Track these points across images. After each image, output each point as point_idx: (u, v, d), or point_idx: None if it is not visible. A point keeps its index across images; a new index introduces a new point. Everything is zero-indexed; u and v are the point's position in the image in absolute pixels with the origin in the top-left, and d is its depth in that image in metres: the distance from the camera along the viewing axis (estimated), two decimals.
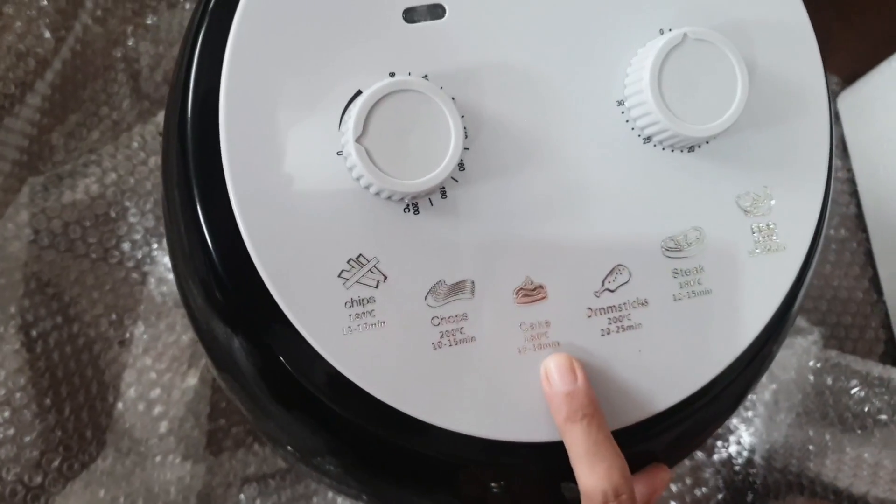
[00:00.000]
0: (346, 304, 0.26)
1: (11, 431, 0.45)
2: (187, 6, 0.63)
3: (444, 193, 0.27)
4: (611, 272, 0.28)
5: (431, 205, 0.27)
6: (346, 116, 0.26)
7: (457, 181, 0.27)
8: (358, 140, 0.25)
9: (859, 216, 0.62)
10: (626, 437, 0.28)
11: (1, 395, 0.46)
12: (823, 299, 0.60)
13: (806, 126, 0.30)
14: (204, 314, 0.30)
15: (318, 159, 0.27)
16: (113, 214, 0.55)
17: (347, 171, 0.26)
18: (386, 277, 0.27)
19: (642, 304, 0.28)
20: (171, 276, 0.54)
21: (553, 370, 0.27)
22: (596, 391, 0.28)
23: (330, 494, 0.52)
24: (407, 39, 0.28)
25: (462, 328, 0.27)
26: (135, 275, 0.55)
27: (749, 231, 0.29)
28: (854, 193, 0.62)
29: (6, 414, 0.45)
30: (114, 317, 0.53)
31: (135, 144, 0.57)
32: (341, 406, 0.27)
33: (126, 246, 0.54)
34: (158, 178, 0.56)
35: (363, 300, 0.27)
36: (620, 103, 0.29)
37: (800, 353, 0.49)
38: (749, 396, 0.53)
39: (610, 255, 0.28)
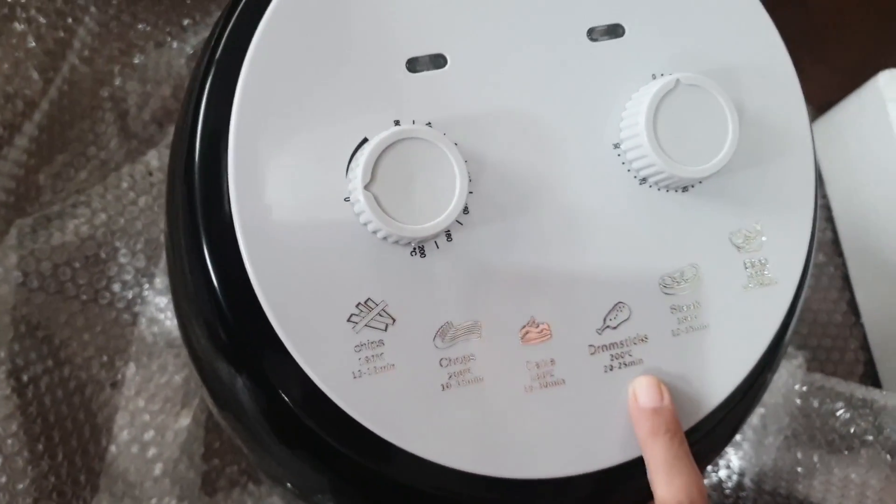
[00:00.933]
0: (355, 347, 0.27)
1: (3, 479, 0.45)
2: (174, 45, 0.64)
3: (449, 236, 0.28)
4: (611, 310, 0.29)
5: (437, 248, 0.28)
6: (353, 164, 0.27)
7: (461, 224, 0.28)
8: (366, 187, 0.26)
9: (835, 241, 0.64)
10: (630, 471, 0.29)
11: None
12: (805, 323, 0.62)
13: (792, 165, 0.31)
14: (207, 354, 0.30)
15: (325, 205, 0.27)
16: (103, 255, 0.55)
17: (355, 216, 0.27)
18: (395, 320, 0.27)
19: (643, 339, 0.29)
20: (162, 316, 0.54)
21: (641, 388, 0.28)
22: (601, 425, 0.28)
23: None
24: (410, 88, 0.28)
25: (470, 369, 0.28)
26: (126, 315, 0.54)
27: (742, 266, 0.30)
28: (830, 219, 0.64)
29: None
30: (105, 358, 0.53)
31: (124, 184, 0.57)
32: (349, 448, 0.28)
33: (116, 287, 0.54)
34: (149, 218, 0.57)
35: (372, 343, 0.27)
36: (616, 146, 0.30)
37: (785, 377, 0.50)
38: None
39: (610, 293, 0.29)
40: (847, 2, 0.63)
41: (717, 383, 0.30)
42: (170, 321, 0.54)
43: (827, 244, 0.64)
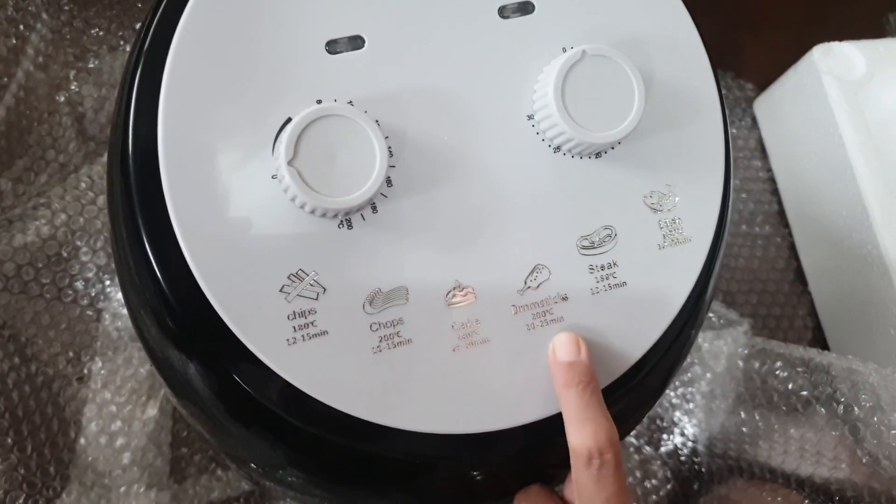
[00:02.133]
0: (288, 316, 0.28)
1: None
2: (127, 49, 0.65)
3: (374, 208, 0.30)
4: (532, 271, 0.31)
5: (363, 219, 0.29)
6: (277, 142, 0.29)
7: (386, 196, 0.30)
8: (290, 162, 0.27)
9: (781, 213, 0.66)
10: (555, 425, 0.30)
11: None
12: (753, 292, 0.64)
13: (702, 128, 0.33)
14: (159, 344, 0.32)
15: (254, 184, 0.29)
16: (65, 254, 0.56)
17: (282, 192, 0.29)
18: (325, 289, 0.29)
19: (563, 298, 0.31)
20: (125, 311, 0.56)
21: (559, 343, 0.30)
22: (525, 381, 0.30)
23: None
24: (331, 69, 0.30)
25: (399, 332, 0.29)
26: (89, 312, 0.56)
27: (657, 226, 0.32)
28: (775, 192, 0.66)
29: None
30: (71, 354, 0.54)
31: (83, 185, 0.58)
32: (294, 416, 0.29)
33: (79, 284, 0.56)
34: (108, 217, 0.58)
35: (305, 312, 0.29)
36: (530, 117, 0.31)
37: (731, 344, 0.52)
38: (689, 389, 0.56)
39: (530, 256, 0.31)
40: None
41: (637, 338, 0.32)
42: None
43: (773, 215, 0.66)
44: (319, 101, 0.29)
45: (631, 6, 0.33)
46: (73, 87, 0.63)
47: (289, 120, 0.29)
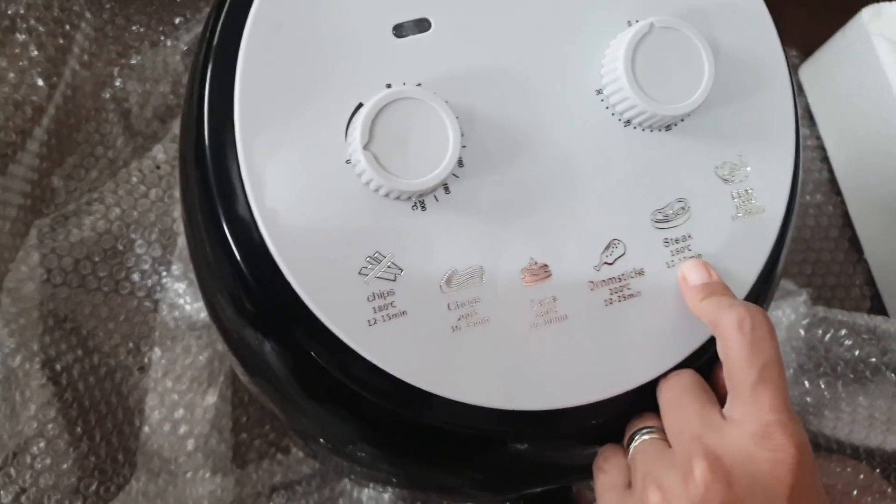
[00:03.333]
0: (368, 298, 0.29)
1: (48, 460, 0.47)
2: (169, 43, 0.65)
3: (447, 189, 0.30)
4: (607, 247, 0.31)
5: (437, 201, 0.30)
6: (350, 128, 0.29)
7: (457, 177, 0.30)
8: (365, 147, 0.28)
9: (832, 180, 0.65)
10: (638, 397, 0.30)
11: (34, 428, 0.48)
12: (807, 263, 0.63)
13: (771, 97, 0.33)
14: (234, 325, 0.32)
15: (329, 169, 0.29)
16: (120, 247, 0.57)
17: (357, 176, 0.29)
18: (402, 270, 0.29)
19: (639, 273, 0.31)
20: (181, 301, 0.56)
21: (689, 270, 0.31)
22: (604, 357, 0.30)
23: (355, 495, 0.54)
24: (398, 53, 0.30)
25: (476, 311, 0.29)
26: (147, 303, 0.57)
27: (730, 197, 0.32)
28: (825, 159, 0.65)
29: (41, 445, 0.47)
30: (131, 345, 0.55)
31: (134, 179, 0.59)
32: (373, 393, 0.29)
33: (136, 276, 0.56)
34: (160, 209, 0.59)
35: (383, 293, 0.29)
36: (599, 92, 0.31)
37: (790, 314, 0.52)
38: None
39: (605, 231, 0.31)
40: None
41: None
42: (189, 305, 0.56)
43: (824, 184, 0.66)
44: (389, 85, 0.29)
45: None
46: (117, 84, 0.63)
47: (360, 105, 0.29)
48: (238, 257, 0.29)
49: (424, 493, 0.42)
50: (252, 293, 0.30)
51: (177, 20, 0.66)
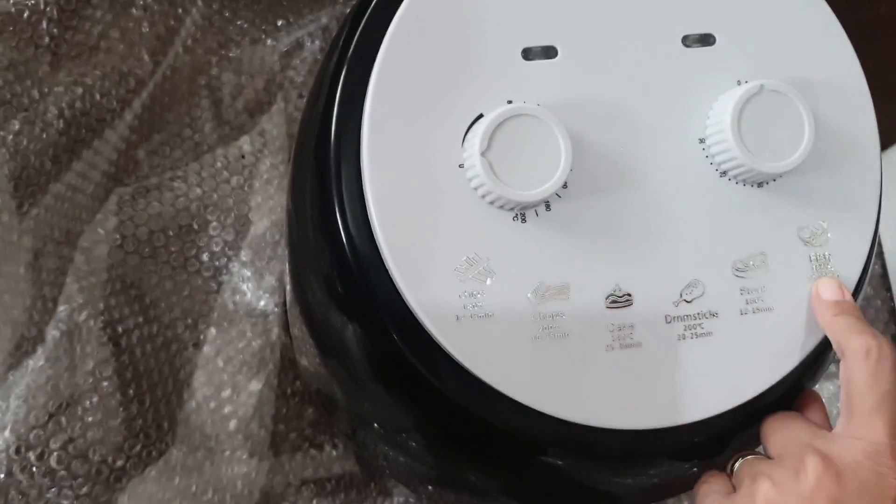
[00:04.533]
0: (459, 295, 0.30)
1: (99, 416, 0.49)
2: (268, 42, 0.68)
3: (548, 206, 0.31)
4: (688, 286, 0.32)
5: (537, 215, 0.31)
6: (470, 134, 0.31)
7: (560, 197, 0.32)
8: (483, 154, 0.30)
9: (884, 275, 0.66)
10: (697, 430, 0.32)
11: (89, 383, 0.50)
12: None
13: (859, 173, 0.34)
14: (321, 307, 0.34)
15: (442, 171, 0.31)
16: (195, 226, 0.59)
17: (467, 181, 0.31)
18: (495, 275, 0.31)
19: (714, 315, 0.32)
20: (244, 287, 0.58)
21: (823, 286, 0.33)
22: (669, 388, 0.31)
23: (380, 501, 0.55)
24: (524, 74, 0.32)
25: (558, 325, 0.31)
26: (211, 283, 0.59)
27: (808, 259, 0.33)
28: (880, 254, 0.66)
29: (94, 400, 0.49)
30: (189, 321, 0.57)
31: (218, 164, 0.62)
32: (443, 383, 0.31)
33: (205, 256, 0.59)
34: (239, 197, 0.61)
35: (474, 293, 0.31)
36: (702, 141, 0.33)
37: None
38: None
39: (687, 271, 0.32)
40: None
41: (777, 363, 0.33)
42: (250, 292, 0.58)
43: (875, 278, 0.67)
44: (510, 102, 0.32)
45: (804, 48, 0.34)
46: (213, 73, 0.66)
47: (480, 116, 0.31)
48: (344, 241, 0.31)
49: (456, 497, 0.43)
50: (349, 277, 0.32)
51: (279, 22, 0.69)
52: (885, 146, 0.65)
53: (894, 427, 0.28)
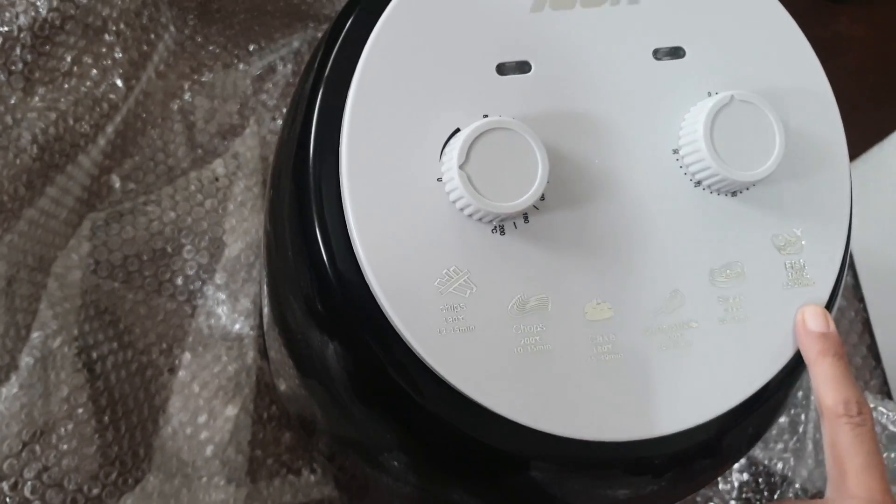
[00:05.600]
0: (441, 308, 0.30)
1: (74, 443, 0.48)
2: (241, 67, 0.69)
3: (526, 219, 0.32)
4: (666, 296, 0.32)
5: (515, 228, 0.32)
6: (448, 148, 0.31)
7: (537, 209, 0.32)
8: (461, 167, 0.30)
9: (856, 286, 0.67)
10: (678, 440, 0.32)
11: (64, 410, 0.49)
12: None
13: (830, 181, 0.35)
14: (300, 325, 0.34)
15: (420, 185, 0.31)
16: (169, 250, 0.59)
17: (446, 194, 0.31)
18: (476, 288, 0.31)
19: (693, 325, 0.32)
20: (219, 310, 0.58)
21: (809, 315, 0.33)
22: (651, 399, 0.32)
23: None
24: (499, 89, 0.33)
25: (540, 338, 0.31)
26: (186, 307, 0.58)
27: (783, 267, 0.34)
28: (852, 264, 0.67)
29: (69, 427, 0.48)
30: (164, 345, 0.57)
31: (192, 188, 0.61)
32: (426, 399, 0.31)
33: (179, 280, 0.58)
34: (213, 220, 0.61)
35: (455, 307, 0.31)
36: (675, 151, 0.33)
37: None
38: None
39: (666, 282, 0.33)
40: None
41: (756, 371, 0.33)
42: (225, 316, 0.58)
43: (848, 289, 0.68)
44: (486, 116, 0.32)
45: (772, 60, 0.35)
46: (186, 97, 0.66)
47: (457, 130, 0.32)
48: (325, 260, 0.31)
49: None
50: (329, 294, 0.32)
51: (251, 47, 0.70)
52: (850, 158, 0.67)
53: (885, 483, 0.30)
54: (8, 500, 0.44)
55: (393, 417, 0.33)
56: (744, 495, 0.58)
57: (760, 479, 0.58)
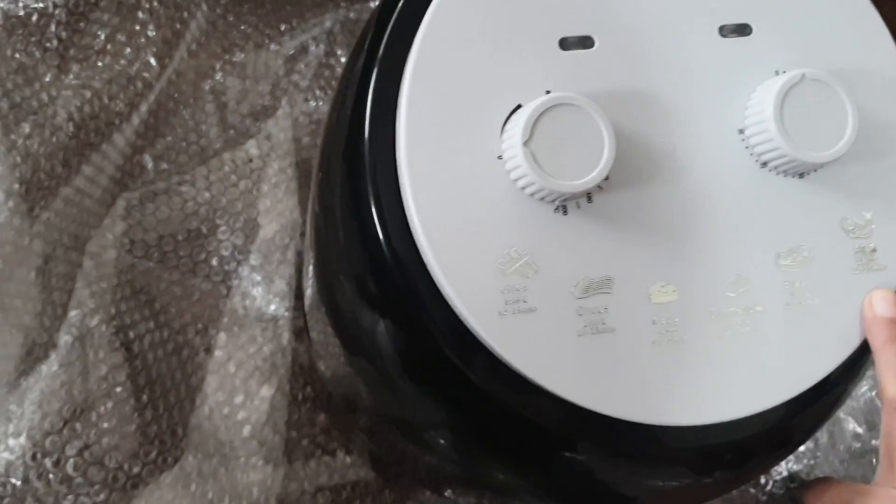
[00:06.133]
0: (501, 290, 0.30)
1: (114, 421, 0.47)
2: (272, 47, 0.68)
3: (589, 198, 0.31)
4: (732, 279, 0.32)
5: (578, 207, 0.31)
6: (510, 125, 0.30)
7: (601, 188, 0.31)
8: (525, 144, 0.29)
9: None
10: (739, 428, 0.31)
11: (103, 389, 0.49)
12: None
13: None
14: (350, 304, 0.33)
15: (481, 163, 0.30)
16: (204, 230, 0.58)
17: (507, 172, 0.30)
18: (537, 270, 0.30)
19: (758, 308, 0.32)
20: (254, 291, 0.57)
21: (878, 299, 0.32)
22: (714, 384, 0.31)
23: None
24: (561, 64, 0.32)
25: (603, 320, 0.30)
26: (221, 288, 0.58)
27: (852, 251, 0.33)
28: None
29: (109, 405, 0.48)
30: (199, 326, 0.56)
31: (226, 168, 0.61)
32: (485, 381, 0.30)
33: (214, 261, 0.58)
34: (248, 201, 0.60)
35: (517, 288, 0.30)
36: (741, 132, 0.32)
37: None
38: None
39: (731, 264, 0.32)
40: None
41: (822, 358, 0.32)
42: (261, 297, 0.57)
43: None
44: (548, 92, 0.31)
45: (843, 39, 0.34)
46: (217, 77, 0.65)
47: (518, 106, 0.31)
48: (380, 238, 0.30)
49: (477, 497, 0.43)
50: (384, 274, 0.31)
51: (283, 27, 0.69)
52: None
53: None
54: (51, 476, 0.44)
55: (446, 397, 0.32)
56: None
57: None
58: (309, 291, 0.43)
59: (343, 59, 0.68)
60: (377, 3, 0.68)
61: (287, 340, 0.57)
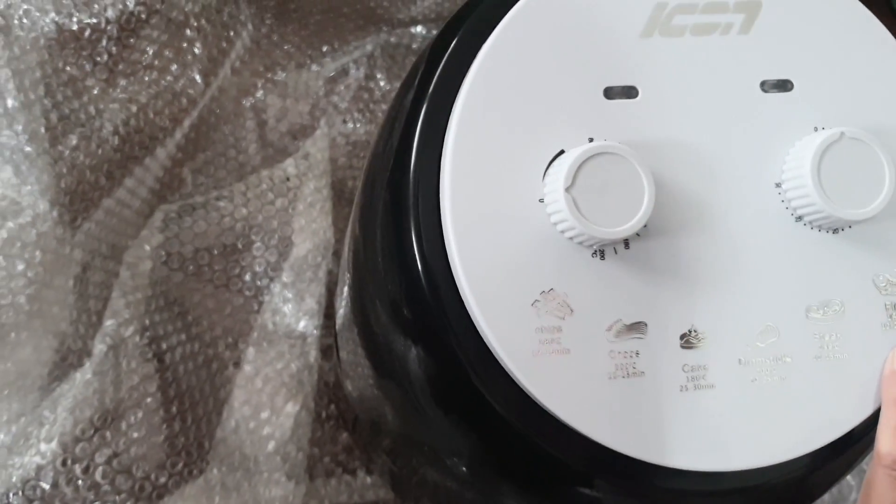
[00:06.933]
0: (536, 329, 0.31)
1: (143, 432, 0.48)
2: (313, 68, 0.69)
3: (627, 245, 0.32)
4: (761, 329, 0.32)
5: (615, 253, 0.31)
6: (552, 170, 0.31)
7: (639, 235, 0.32)
8: (567, 190, 0.30)
9: None
10: (758, 476, 0.31)
11: (134, 399, 0.50)
12: None
13: None
14: (385, 329, 0.34)
15: (522, 205, 0.31)
16: (239, 246, 0.59)
17: (547, 215, 0.31)
18: (572, 311, 0.31)
19: (787, 359, 0.32)
20: (284, 308, 0.59)
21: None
22: (742, 432, 0.31)
23: None
24: (605, 113, 0.32)
25: (635, 364, 0.31)
26: (252, 303, 0.59)
27: (883, 307, 0.33)
28: None
29: (139, 415, 0.49)
30: (230, 340, 0.57)
31: (263, 186, 0.62)
32: (515, 418, 0.31)
33: (248, 276, 0.59)
34: (283, 219, 0.61)
35: (552, 328, 0.31)
36: (778, 185, 0.33)
37: None
38: None
39: (762, 315, 0.32)
40: None
41: (847, 412, 0.33)
42: (291, 315, 0.58)
43: None
44: (591, 139, 0.32)
45: (883, 95, 0.35)
46: (258, 95, 0.67)
47: (561, 152, 0.32)
48: (419, 268, 0.31)
49: None
50: (420, 303, 0.32)
51: (325, 48, 0.70)
52: None
53: None
54: (80, 482, 0.45)
55: (472, 427, 0.33)
56: None
57: None
58: (342, 311, 0.44)
59: (382, 84, 0.70)
60: (420, 29, 0.70)
61: (314, 358, 0.58)
